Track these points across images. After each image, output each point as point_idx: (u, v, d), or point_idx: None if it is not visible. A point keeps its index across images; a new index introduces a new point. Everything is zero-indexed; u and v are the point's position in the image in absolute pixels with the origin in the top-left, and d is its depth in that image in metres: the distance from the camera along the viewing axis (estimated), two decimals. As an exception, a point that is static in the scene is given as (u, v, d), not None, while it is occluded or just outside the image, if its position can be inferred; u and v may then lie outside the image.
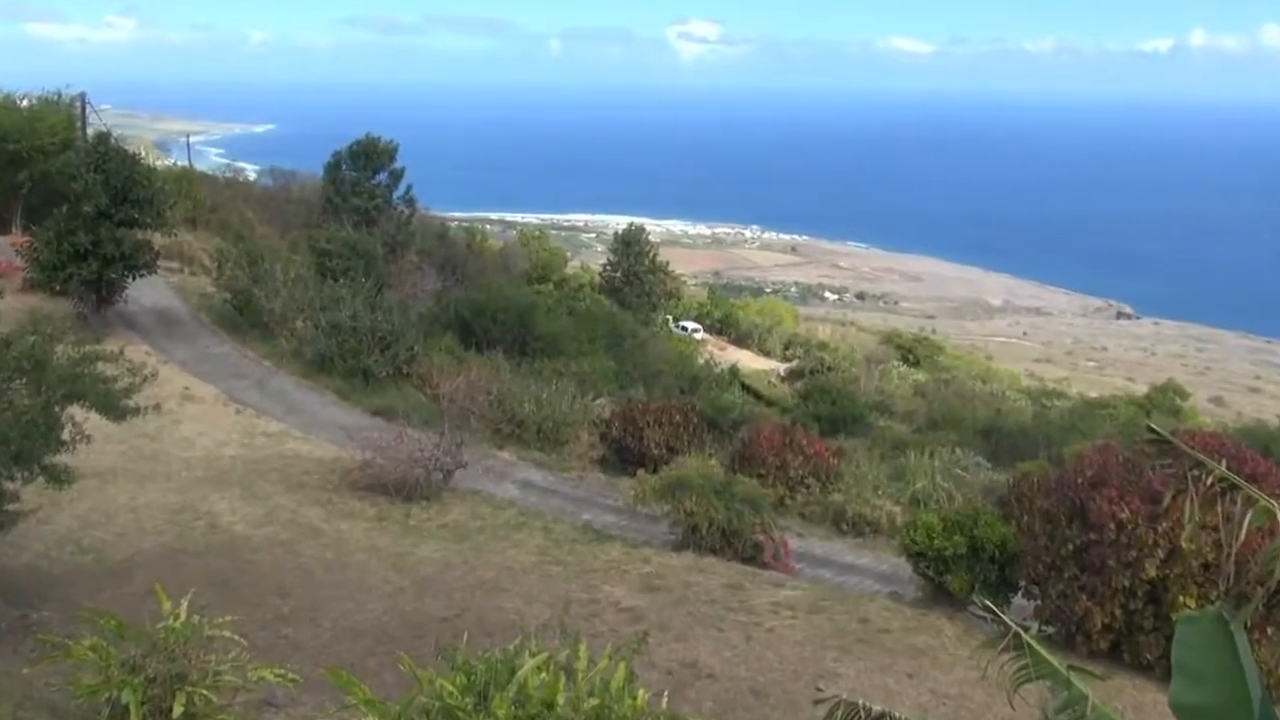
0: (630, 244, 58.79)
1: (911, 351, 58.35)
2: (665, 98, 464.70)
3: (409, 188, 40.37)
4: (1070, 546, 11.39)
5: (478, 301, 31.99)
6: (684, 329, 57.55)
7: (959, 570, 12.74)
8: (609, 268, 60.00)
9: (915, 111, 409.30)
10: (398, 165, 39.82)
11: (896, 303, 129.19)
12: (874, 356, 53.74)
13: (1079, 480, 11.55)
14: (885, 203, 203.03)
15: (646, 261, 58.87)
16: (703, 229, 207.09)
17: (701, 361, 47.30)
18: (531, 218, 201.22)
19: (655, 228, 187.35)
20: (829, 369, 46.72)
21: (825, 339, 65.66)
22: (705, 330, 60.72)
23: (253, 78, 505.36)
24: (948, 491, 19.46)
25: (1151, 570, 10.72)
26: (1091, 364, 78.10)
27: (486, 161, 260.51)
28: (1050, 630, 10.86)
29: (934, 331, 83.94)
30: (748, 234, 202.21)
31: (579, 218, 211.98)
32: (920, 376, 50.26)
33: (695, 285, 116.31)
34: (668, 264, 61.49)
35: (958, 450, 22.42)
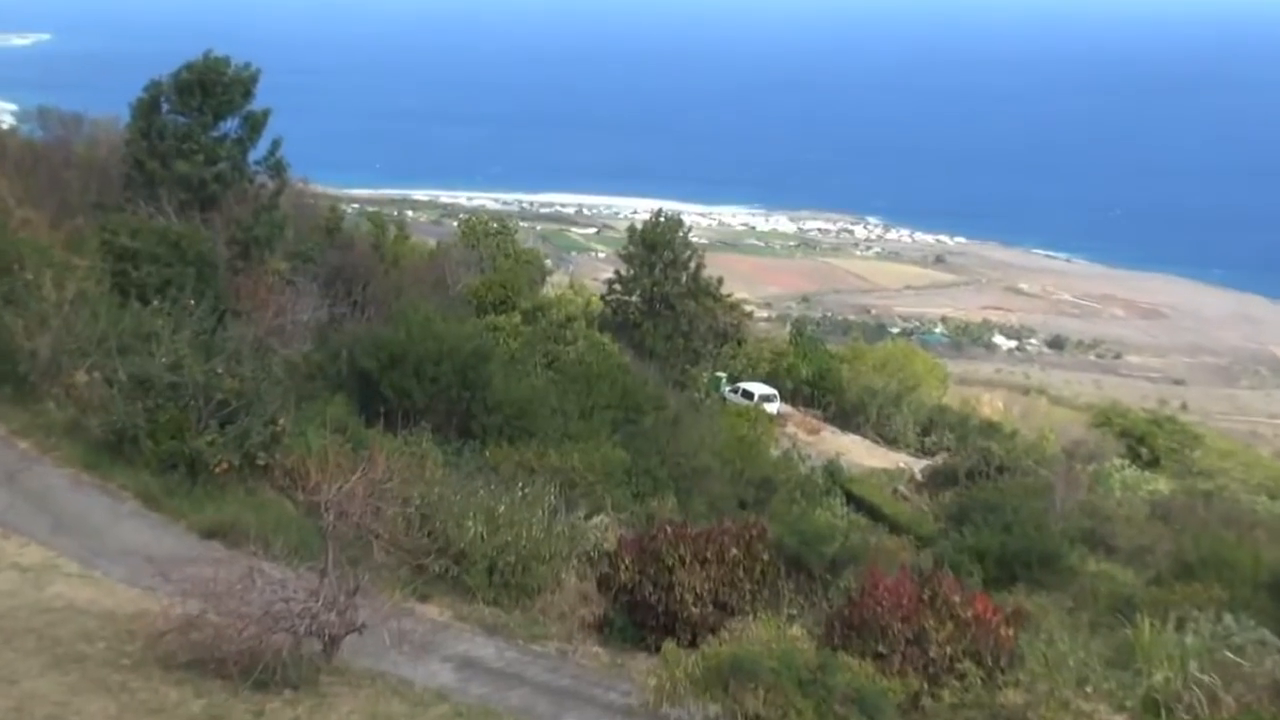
0: (656, 246, 59.42)
1: (1145, 442, 57.96)
2: (710, 6, 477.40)
3: (276, 145, 41.01)
4: None
5: (390, 344, 32.33)
6: (747, 396, 57.79)
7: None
8: (618, 287, 60.82)
9: (1143, 28, 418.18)
10: (257, 107, 40.54)
11: (1119, 355, 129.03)
12: (1080, 450, 53.39)
13: None
14: (1101, 183, 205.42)
15: (684, 277, 59.70)
16: (781, 222, 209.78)
17: (778, 453, 47.27)
18: (486, 199, 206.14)
19: (699, 218, 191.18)
20: (1000, 470, 46.52)
21: (995, 417, 65.49)
22: (784, 399, 61.02)
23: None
24: (1209, 690, 19.08)
25: None
26: None
27: (417, 107, 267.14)
28: None
29: (1184, 407, 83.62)
30: (859, 232, 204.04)
31: (566, 200, 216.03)
32: (1161, 485, 49.79)
33: (769, 319, 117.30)
34: (720, 281, 61.95)
35: (1227, 617, 22.10)
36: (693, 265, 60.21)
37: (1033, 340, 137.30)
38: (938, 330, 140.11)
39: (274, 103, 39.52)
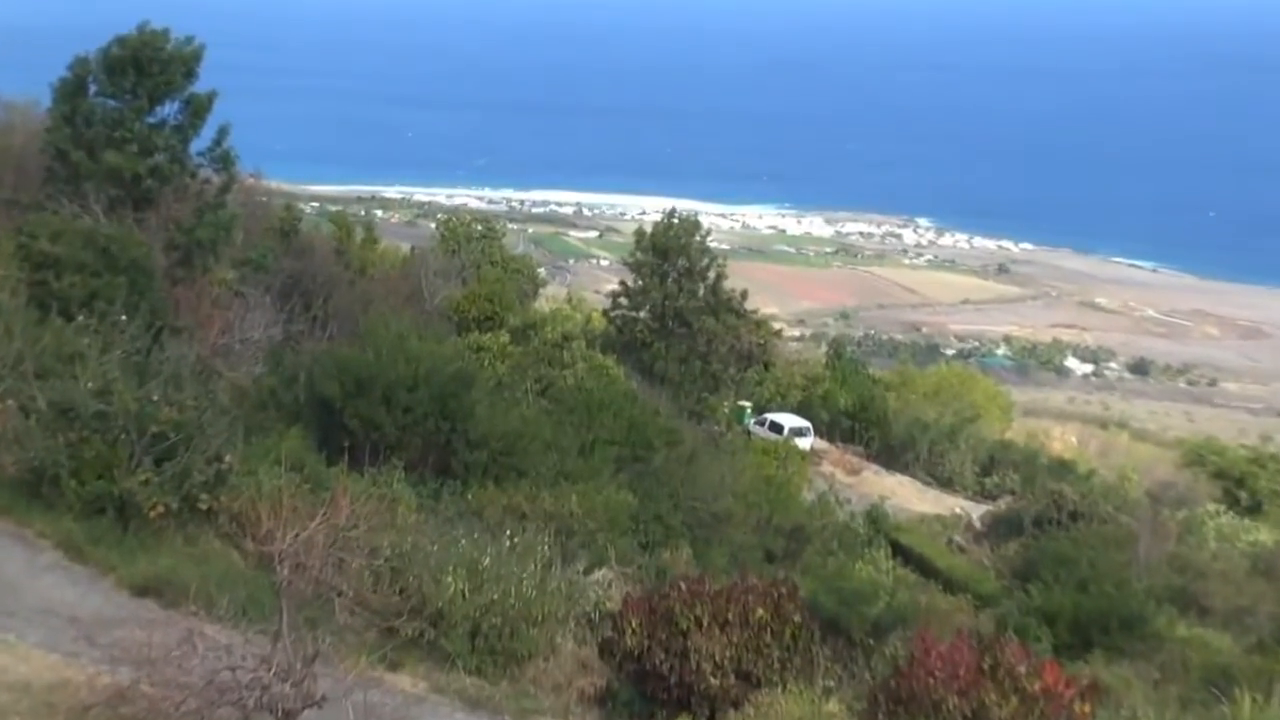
0: (669, 253, 59.57)
1: (1245, 484, 57.69)
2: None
3: (223, 133, 41.10)
4: None
5: (356, 367, 32.36)
6: (775, 429, 57.77)
7: None
8: (624, 301, 61.12)
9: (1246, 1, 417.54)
10: (200, 89, 40.65)
11: (1214, 382, 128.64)
12: (1168, 494, 53.22)
13: None
14: (1193, 181, 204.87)
15: (702, 289, 59.91)
16: (816, 224, 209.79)
17: (812, 497, 47.17)
18: (469, 197, 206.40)
19: (720, 220, 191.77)
20: (1074, 517, 46.39)
21: (1068, 454, 65.24)
22: (819, 433, 61.04)
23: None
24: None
25: None
26: None
27: (390, 90, 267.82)
28: None
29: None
30: (908, 237, 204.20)
31: (563, 198, 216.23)
32: (1264, 535, 49.49)
33: (801, 338, 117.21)
34: (744, 295, 61.97)
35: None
36: (712, 275, 60.20)
37: (1112, 364, 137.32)
38: (1000, 352, 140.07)
39: (221, 84, 39.62)
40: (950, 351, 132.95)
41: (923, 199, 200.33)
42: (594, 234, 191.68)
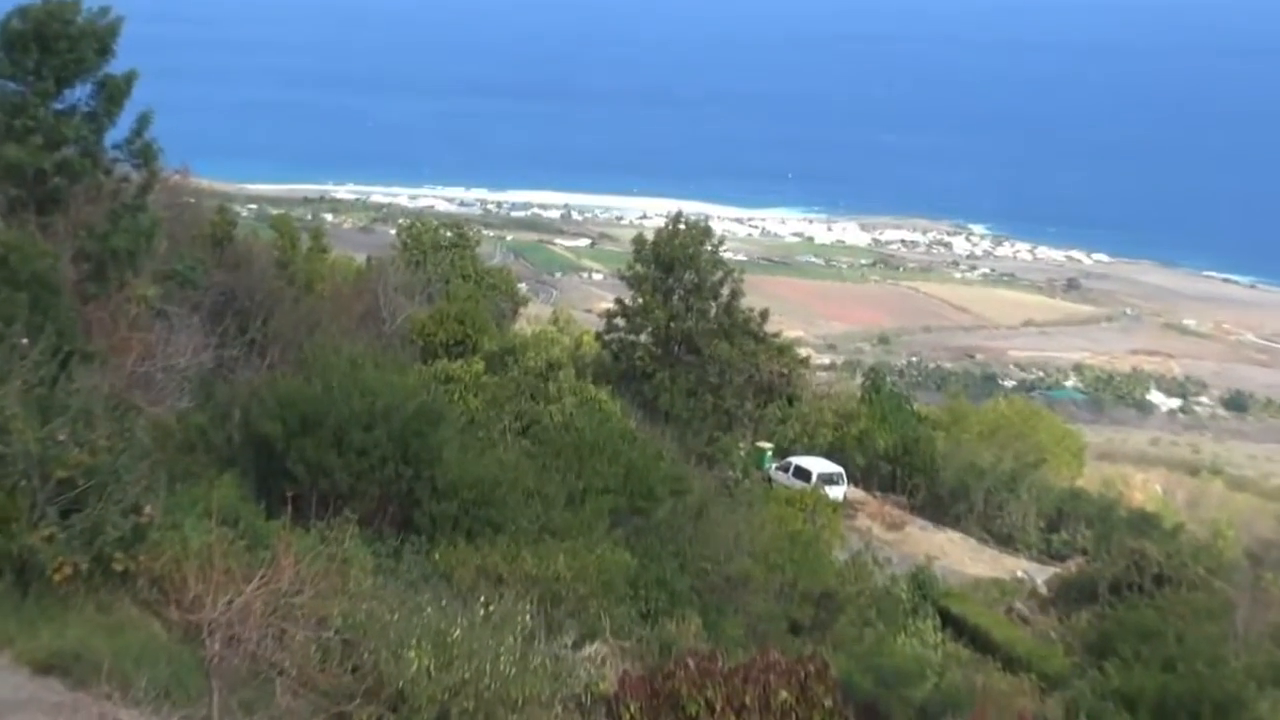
0: (674, 265, 59.62)
1: (1365, 542, 57.68)
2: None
3: (144, 122, 41.03)
4: None
5: (301, 402, 32.34)
6: (802, 475, 57.67)
7: None
8: (621, 323, 61.32)
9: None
10: (117, 70, 40.61)
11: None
12: (1272, 553, 53.07)
13: None
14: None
15: (714, 309, 60.17)
16: (850, 231, 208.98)
17: (845, 556, 47.06)
18: (436, 198, 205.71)
19: (735, 226, 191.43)
20: (1159, 581, 46.30)
21: (1151, 506, 65.11)
22: (853, 480, 61.10)
23: None
24: None
25: None
26: None
27: (343, 71, 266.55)
28: None
29: None
30: (959, 246, 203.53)
31: (548, 200, 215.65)
32: (1388, 605, 49.47)
33: (832, 366, 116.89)
34: (764, 315, 62.05)
35: None
36: (726, 292, 60.27)
37: (1203, 398, 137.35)
38: (1070, 384, 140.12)
39: (142, 63, 39.62)
40: (1010, 383, 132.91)
41: (977, 201, 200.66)
42: (585, 242, 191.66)
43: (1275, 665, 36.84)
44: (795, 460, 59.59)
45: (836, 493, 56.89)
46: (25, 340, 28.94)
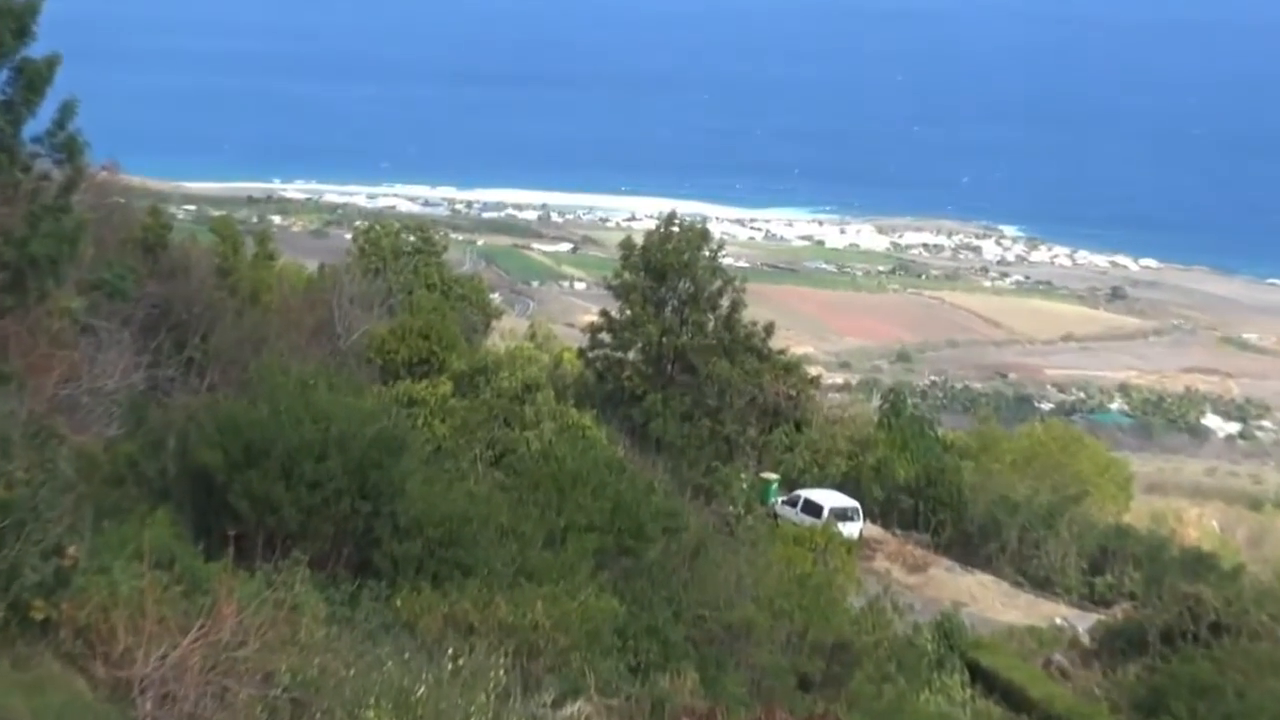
0: (667, 273, 59.65)
1: None
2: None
3: (67, 112, 40.95)
4: None
5: (246, 428, 32.30)
6: (812, 511, 57.58)
7: None
8: (607, 338, 61.42)
9: None
10: (37, 54, 40.58)
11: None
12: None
13: None
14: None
15: (713, 322, 60.28)
16: (865, 234, 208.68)
17: (860, 602, 46.96)
18: (398, 197, 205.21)
19: (736, 228, 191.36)
20: (1217, 629, 46.26)
21: (1207, 544, 64.91)
22: (870, 516, 61.20)
23: None
24: None
25: None
26: None
27: (291, 53, 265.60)
28: None
29: None
30: (989, 250, 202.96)
31: (524, 199, 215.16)
32: None
33: (847, 386, 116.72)
34: (769, 329, 62.11)
35: None
36: (725, 303, 60.36)
37: (1265, 423, 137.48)
38: (1115, 406, 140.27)
39: (65, 46, 39.65)
40: (1047, 406, 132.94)
41: (1009, 199, 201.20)
42: (565, 247, 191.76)
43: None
44: (804, 494, 59.51)
45: (851, 530, 56.83)
46: (-69, 359, 28.96)
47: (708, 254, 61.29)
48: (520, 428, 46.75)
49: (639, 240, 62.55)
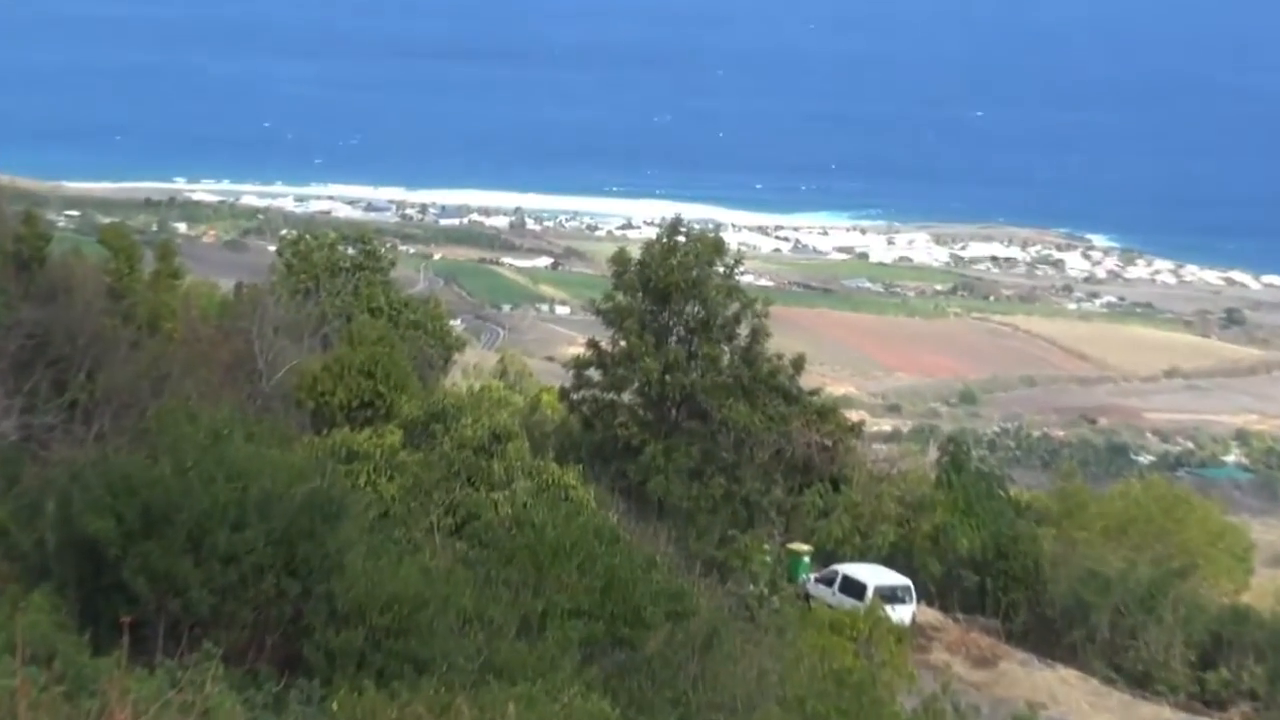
0: (670, 294, 59.73)
1: None
2: None
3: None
4: None
5: (142, 490, 32.33)
6: (852, 590, 57.48)
7: None
8: (596, 375, 61.64)
9: None
10: None
11: None
12: None
13: None
14: None
15: (729, 357, 60.48)
16: (919, 245, 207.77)
17: (913, 704, 46.94)
18: (333, 200, 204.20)
19: (758, 238, 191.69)
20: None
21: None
22: (925, 596, 61.02)
23: None
24: None
25: None
26: None
27: (203, 18, 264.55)
28: None
29: None
30: (1073, 265, 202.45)
31: (491, 202, 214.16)
32: None
33: (896, 435, 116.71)
34: (799, 364, 62.21)
35: None
36: (744, 331, 60.42)
37: None
38: (1231, 459, 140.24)
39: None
40: (1147, 459, 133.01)
41: (1098, 201, 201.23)
42: (544, 262, 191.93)
43: None
44: (844, 569, 59.43)
45: (902, 614, 56.71)
46: None
47: (722, 270, 61.36)
48: (488, 488, 46.75)
49: (635, 253, 62.58)
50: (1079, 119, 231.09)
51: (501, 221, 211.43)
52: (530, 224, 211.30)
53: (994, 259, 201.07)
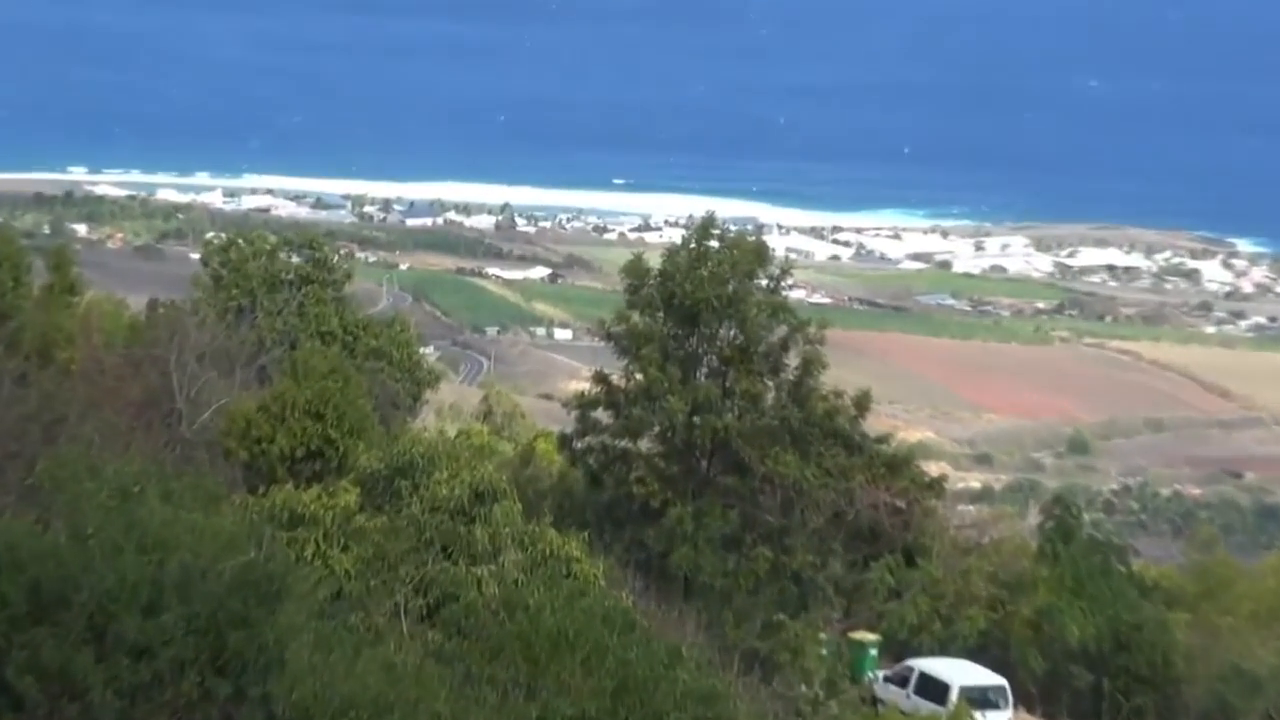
0: (699, 313, 59.73)
1: None
2: None
3: None
4: None
5: (31, 562, 32.41)
6: (930, 692, 57.48)
7: None
8: (605, 418, 61.88)
9: None
10: None
11: None
12: None
13: None
14: None
15: (775, 394, 60.81)
16: (1014, 251, 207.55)
17: None
18: (271, 196, 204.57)
19: (810, 243, 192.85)
20: None
21: None
22: (1024, 699, 60.59)
23: None
24: None
25: None
26: None
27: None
28: None
29: None
30: (1210, 275, 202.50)
31: (475, 196, 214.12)
32: None
33: (986, 492, 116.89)
34: (863, 404, 62.26)
35: None
36: (794, 361, 60.41)
37: None
38: None
39: None
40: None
41: (1245, 197, 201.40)
42: (539, 272, 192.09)
43: None
44: (921, 665, 59.36)
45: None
46: None
47: (766, 283, 61.32)
48: (468, 561, 46.76)
49: (655, 262, 62.39)
50: (1227, 90, 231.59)
51: (485, 222, 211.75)
52: (522, 225, 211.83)
53: (1110, 269, 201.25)
